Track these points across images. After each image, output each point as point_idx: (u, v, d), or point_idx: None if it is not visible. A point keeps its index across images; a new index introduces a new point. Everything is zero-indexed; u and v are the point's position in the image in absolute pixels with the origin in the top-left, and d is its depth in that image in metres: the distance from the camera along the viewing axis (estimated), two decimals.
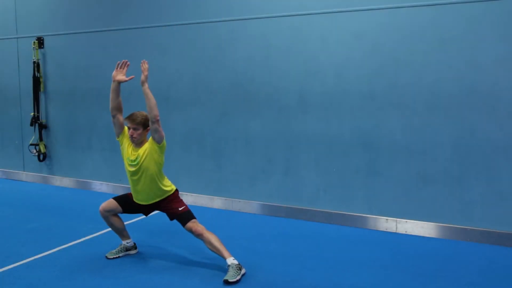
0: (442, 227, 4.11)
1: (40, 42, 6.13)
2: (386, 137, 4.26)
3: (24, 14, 6.30)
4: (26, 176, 6.55)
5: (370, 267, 3.45)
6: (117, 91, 3.47)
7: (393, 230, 4.29)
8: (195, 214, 3.47)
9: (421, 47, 4.07)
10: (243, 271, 3.24)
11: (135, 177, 3.42)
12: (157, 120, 3.25)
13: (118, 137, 3.55)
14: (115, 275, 3.28)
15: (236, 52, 4.90)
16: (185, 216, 3.39)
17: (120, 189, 5.75)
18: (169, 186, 3.52)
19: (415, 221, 4.20)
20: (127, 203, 3.54)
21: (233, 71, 4.92)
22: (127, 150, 3.45)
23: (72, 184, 6.14)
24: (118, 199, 3.55)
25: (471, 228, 4.01)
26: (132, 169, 3.40)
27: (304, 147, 4.62)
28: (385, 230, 4.32)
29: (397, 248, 3.87)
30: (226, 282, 3.11)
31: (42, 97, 6.24)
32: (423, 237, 4.14)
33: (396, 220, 4.27)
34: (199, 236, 3.31)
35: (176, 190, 3.57)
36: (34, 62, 6.13)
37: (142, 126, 3.37)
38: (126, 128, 3.49)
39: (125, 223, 3.78)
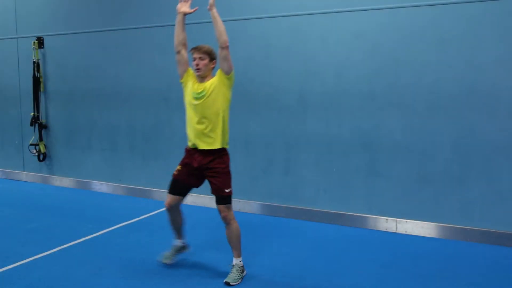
0: (442, 227, 4.11)
1: (40, 42, 6.13)
2: (386, 137, 4.26)
3: (24, 14, 6.30)
4: (26, 176, 6.55)
5: (370, 267, 3.45)
6: (182, 24, 3.22)
7: (393, 230, 4.29)
8: (195, 214, 3.46)
9: (421, 47, 4.07)
10: (244, 273, 3.25)
11: (199, 113, 3.15)
12: (227, 47, 3.06)
13: (181, 78, 3.29)
14: (115, 275, 3.27)
15: (236, 52, 4.87)
16: (225, 199, 3.19)
17: (120, 189, 5.75)
18: (227, 139, 3.28)
19: (415, 221, 4.20)
20: (180, 186, 3.30)
21: None
22: (192, 87, 3.20)
23: (72, 184, 6.14)
24: (172, 189, 3.31)
25: (471, 228, 4.01)
26: (197, 102, 3.14)
27: (304, 147, 4.62)
28: (385, 230, 4.32)
29: (397, 248, 3.87)
30: (227, 284, 3.11)
31: (42, 97, 6.25)
32: (423, 237, 4.14)
33: (396, 220, 4.27)
34: (226, 222, 3.19)
35: (227, 153, 3.32)
36: (34, 62, 6.14)
37: (209, 56, 3.16)
38: (189, 68, 3.28)
39: (129, 222, 3.77)
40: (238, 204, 4.99)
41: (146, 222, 4.56)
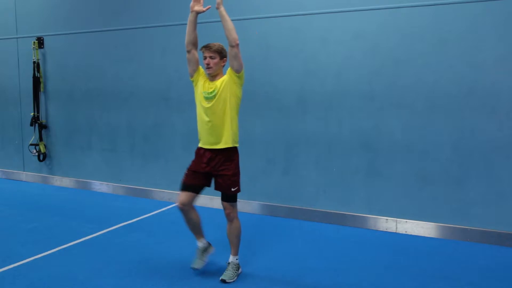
0: (442, 227, 4.11)
1: (40, 42, 6.13)
2: (386, 137, 4.26)
3: (24, 14, 6.30)
4: (26, 176, 6.55)
5: (370, 267, 3.45)
6: (194, 23, 3.20)
7: (393, 230, 4.29)
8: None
9: (421, 47, 4.07)
10: (240, 271, 3.26)
11: (210, 113, 3.14)
12: (237, 44, 3.04)
13: (192, 76, 3.29)
14: (115, 275, 3.27)
15: None
16: (231, 197, 3.22)
17: (120, 189, 5.75)
18: (237, 137, 3.25)
19: (415, 221, 4.20)
20: (193, 184, 3.23)
21: None
22: (203, 86, 3.20)
23: (72, 184, 6.14)
24: (185, 187, 3.24)
25: (471, 228, 4.01)
26: (208, 104, 3.13)
27: (304, 147, 4.62)
28: (385, 230, 4.32)
29: (397, 248, 3.87)
30: (223, 281, 3.12)
31: (42, 97, 6.25)
32: (423, 237, 4.14)
33: (396, 220, 4.27)
34: (229, 219, 3.22)
35: (237, 151, 3.30)
36: (34, 62, 6.14)
37: (219, 55, 3.14)
38: (200, 67, 3.28)
39: (129, 222, 3.77)
40: (238, 204, 4.97)
41: (146, 222, 4.56)
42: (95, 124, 5.91)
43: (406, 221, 4.24)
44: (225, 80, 3.15)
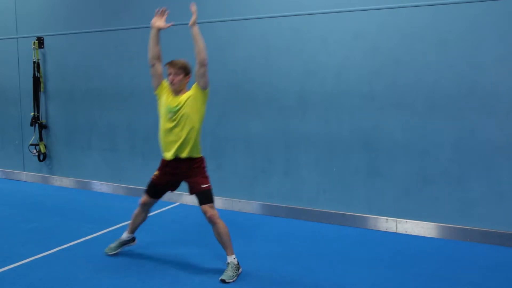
0: (442, 227, 4.11)
1: (40, 42, 6.13)
2: (386, 137, 4.26)
3: (24, 14, 6.30)
4: (26, 176, 6.55)
5: (370, 267, 3.45)
6: (157, 38, 3.30)
7: (393, 230, 4.29)
8: (194, 214, 3.46)
9: (421, 47, 4.07)
10: (240, 270, 3.26)
11: (172, 125, 3.26)
12: (206, 64, 3.15)
13: (155, 89, 3.38)
14: (115, 275, 3.27)
15: (236, 52, 4.90)
16: (205, 196, 3.28)
17: (120, 189, 5.75)
18: (200, 148, 3.37)
19: (415, 221, 4.20)
20: (156, 188, 3.51)
21: (233, 71, 4.92)
22: (167, 100, 3.29)
23: (72, 184, 6.14)
24: (149, 191, 3.53)
25: (471, 228, 4.01)
26: (172, 116, 3.25)
27: (304, 147, 4.62)
28: (385, 230, 4.32)
29: (397, 248, 3.87)
30: (223, 281, 3.12)
31: (42, 97, 6.25)
32: (423, 237, 4.14)
33: (396, 220, 4.27)
34: (212, 222, 3.24)
35: (203, 158, 3.43)
36: (34, 62, 6.14)
37: (184, 72, 3.25)
38: (164, 80, 3.36)
39: (129, 222, 3.76)
40: (238, 204, 4.99)
41: (146, 222, 4.53)
42: (95, 124, 5.91)
43: (406, 221, 4.24)
44: (190, 95, 3.23)
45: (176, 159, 3.32)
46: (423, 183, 4.15)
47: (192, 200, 5.20)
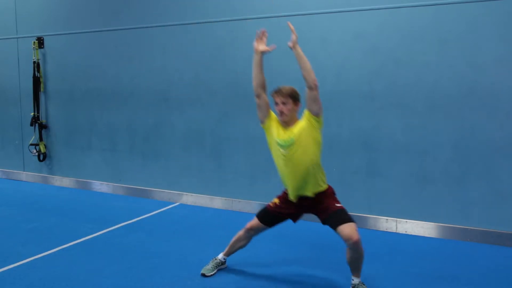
0: (442, 227, 4.11)
1: (40, 42, 6.13)
2: (386, 137, 4.26)
3: (24, 14, 6.30)
4: (26, 176, 6.55)
5: (370, 267, 3.44)
6: (261, 64, 2.97)
7: (393, 230, 4.29)
8: (194, 214, 3.45)
9: (421, 47, 4.07)
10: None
11: (287, 162, 2.89)
12: (316, 86, 2.79)
13: (263, 122, 3.03)
14: (115, 275, 3.27)
15: (236, 52, 4.90)
16: (341, 215, 2.85)
17: (120, 189, 5.75)
18: (324, 179, 3.01)
19: (415, 221, 4.20)
20: (272, 217, 3.13)
21: (233, 71, 4.92)
22: (277, 133, 2.92)
23: (72, 184, 6.14)
24: (262, 217, 3.16)
25: (471, 228, 4.01)
26: (285, 152, 2.87)
27: None
28: (385, 230, 4.32)
29: (397, 248, 3.87)
30: None
31: (42, 97, 6.25)
32: (423, 237, 4.14)
33: (396, 220, 4.27)
34: (353, 245, 2.76)
35: (330, 186, 3.06)
36: (34, 62, 6.14)
37: (292, 99, 2.89)
38: (271, 111, 3.03)
39: (129, 222, 3.75)
40: (238, 204, 4.99)
41: (146, 222, 4.56)
42: (95, 124, 5.91)
43: (406, 221, 4.24)
44: (302, 125, 2.88)
45: (301, 197, 3.00)
46: (423, 183, 4.15)
47: (193, 200, 5.20)
